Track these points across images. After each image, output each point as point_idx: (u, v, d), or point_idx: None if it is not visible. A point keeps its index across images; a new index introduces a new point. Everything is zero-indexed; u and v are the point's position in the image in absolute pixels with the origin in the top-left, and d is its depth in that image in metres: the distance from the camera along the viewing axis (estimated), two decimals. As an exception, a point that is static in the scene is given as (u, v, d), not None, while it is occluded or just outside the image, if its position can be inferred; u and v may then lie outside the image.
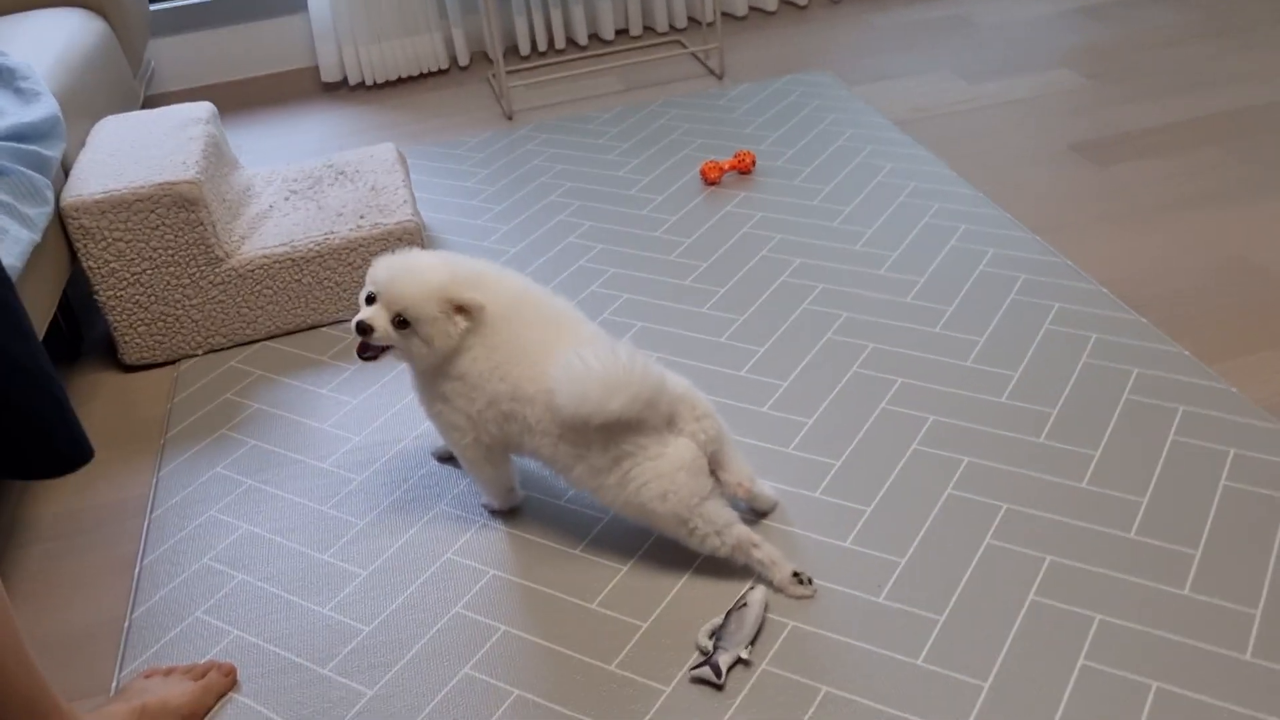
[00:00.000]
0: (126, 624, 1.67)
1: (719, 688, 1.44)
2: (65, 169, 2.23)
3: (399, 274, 1.58)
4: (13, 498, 1.97)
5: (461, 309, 1.58)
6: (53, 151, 2.08)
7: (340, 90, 3.54)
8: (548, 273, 2.40)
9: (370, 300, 1.60)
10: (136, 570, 1.77)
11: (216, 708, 1.51)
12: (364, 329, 1.59)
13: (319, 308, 2.29)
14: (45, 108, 2.11)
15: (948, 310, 2.13)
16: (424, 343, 1.59)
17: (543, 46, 3.58)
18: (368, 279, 1.62)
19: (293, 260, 2.23)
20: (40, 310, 1.97)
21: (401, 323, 1.58)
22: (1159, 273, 2.18)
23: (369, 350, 1.63)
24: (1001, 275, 2.21)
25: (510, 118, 3.19)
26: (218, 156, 2.32)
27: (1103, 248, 2.27)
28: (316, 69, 3.52)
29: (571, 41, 3.63)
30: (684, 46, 3.50)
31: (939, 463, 1.77)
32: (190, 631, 1.64)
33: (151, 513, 1.89)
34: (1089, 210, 2.41)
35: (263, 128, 3.35)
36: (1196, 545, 1.57)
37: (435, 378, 1.64)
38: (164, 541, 1.82)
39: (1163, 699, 1.36)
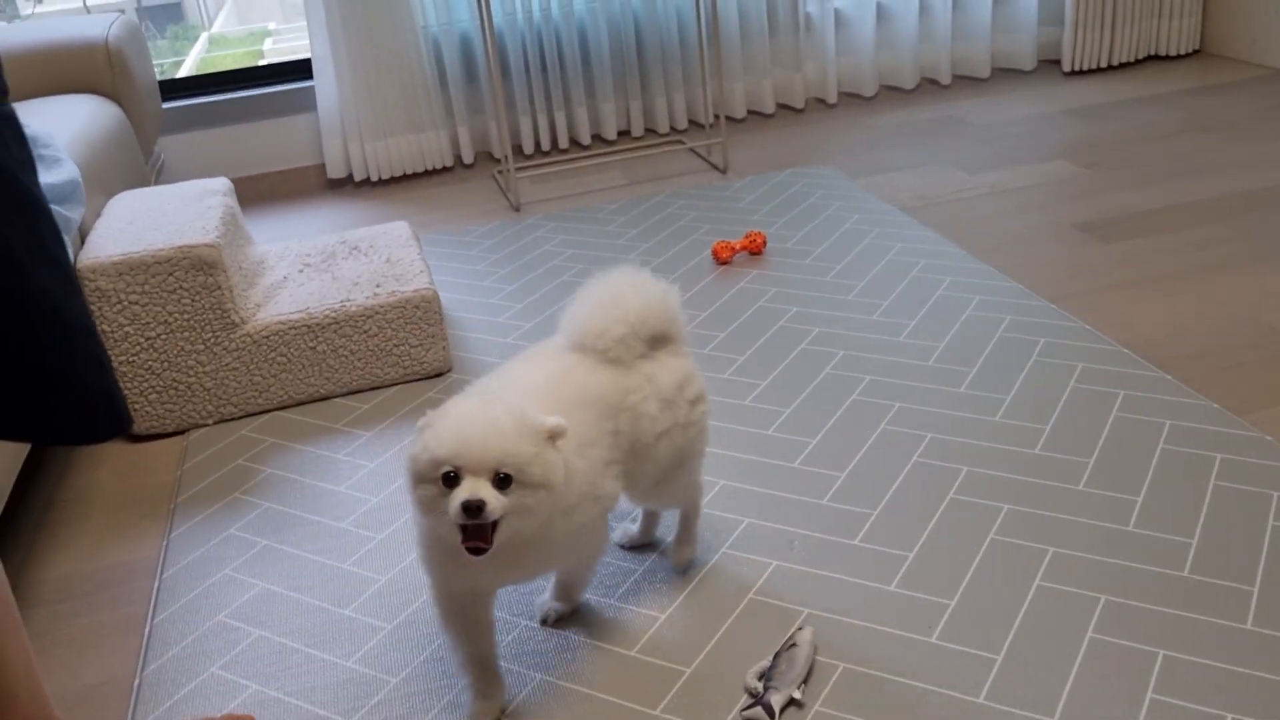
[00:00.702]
0: (137, 681, 1.58)
1: (772, 729, 1.37)
2: (81, 236, 2.22)
3: (471, 433, 1.25)
4: (18, 558, 1.89)
5: (552, 434, 1.30)
6: (73, 214, 2.08)
7: (345, 186, 3.58)
8: (564, 344, 2.38)
9: (451, 480, 1.25)
10: (147, 629, 1.69)
11: (236, 761, 1.42)
12: (475, 508, 1.22)
13: (332, 376, 2.26)
14: (66, 172, 2.12)
15: (970, 372, 2.12)
16: (537, 488, 1.27)
17: (546, 146, 3.65)
18: (424, 463, 1.26)
19: (308, 327, 2.21)
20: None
21: (503, 481, 1.25)
22: (1178, 334, 2.19)
23: (481, 536, 1.26)
24: (1021, 339, 2.21)
25: (518, 209, 3.22)
26: (234, 227, 2.32)
27: (1119, 313, 2.29)
28: (323, 166, 3.57)
29: (575, 141, 3.70)
30: (685, 144, 3.57)
31: (978, 510, 1.73)
32: (205, 687, 1.56)
33: (162, 573, 1.81)
34: (1101, 281, 2.44)
35: (270, 219, 3.37)
36: (1253, 582, 1.53)
37: (564, 508, 1.35)
38: (176, 600, 1.74)
39: (1240, 729, 1.31)
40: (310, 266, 2.41)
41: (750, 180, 3.24)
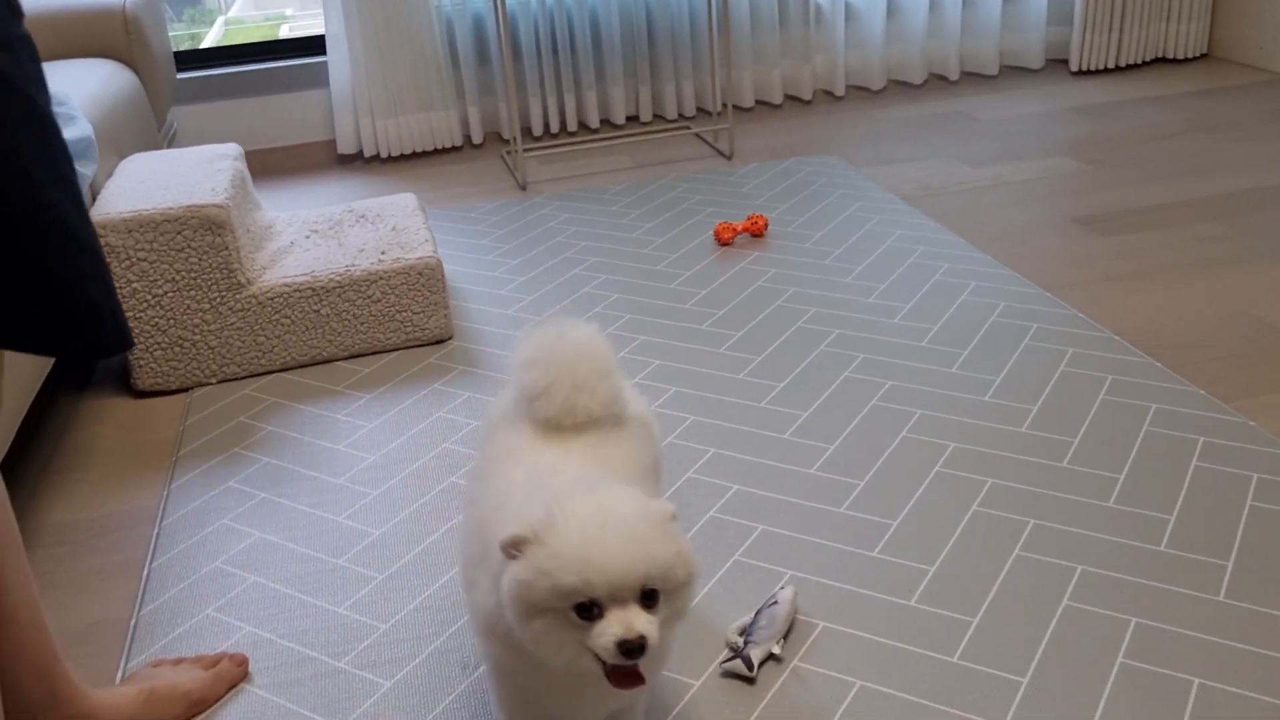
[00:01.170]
0: (133, 621, 1.62)
1: (750, 681, 1.41)
2: (93, 194, 2.25)
3: (604, 550, 0.98)
4: (20, 504, 1.93)
5: (674, 519, 1.06)
6: (86, 170, 2.12)
7: (355, 161, 3.62)
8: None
9: (590, 611, 0.98)
10: (145, 572, 1.73)
11: (227, 696, 1.46)
12: (638, 648, 0.97)
13: (335, 340, 2.30)
14: (80, 129, 2.16)
15: (963, 353, 2.15)
16: (683, 587, 1.04)
17: (555, 128, 3.69)
18: (543, 592, 0.98)
19: (313, 290, 2.24)
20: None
21: (650, 595, 1.00)
22: (1169, 324, 2.22)
23: (635, 670, 1.01)
24: (1014, 325, 2.24)
25: (524, 188, 3.25)
26: (244, 190, 2.35)
27: (1113, 303, 2.32)
28: (333, 141, 3.61)
29: (583, 125, 3.74)
30: (692, 130, 3.61)
31: (963, 483, 1.77)
32: (200, 628, 1.59)
33: (162, 521, 1.85)
34: (1096, 272, 2.46)
35: (280, 192, 3.41)
36: (1228, 557, 1.56)
37: None
38: (174, 546, 1.78)
39: (1205, 693, 1.33)
40: (317, 233, 2.45)
41: (755, 166, 3.27)
